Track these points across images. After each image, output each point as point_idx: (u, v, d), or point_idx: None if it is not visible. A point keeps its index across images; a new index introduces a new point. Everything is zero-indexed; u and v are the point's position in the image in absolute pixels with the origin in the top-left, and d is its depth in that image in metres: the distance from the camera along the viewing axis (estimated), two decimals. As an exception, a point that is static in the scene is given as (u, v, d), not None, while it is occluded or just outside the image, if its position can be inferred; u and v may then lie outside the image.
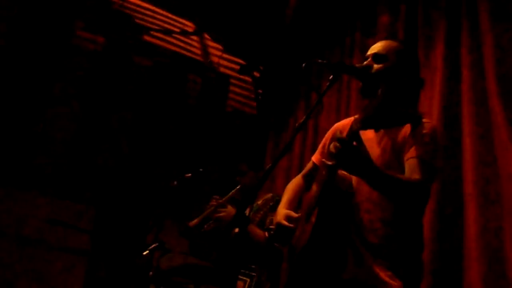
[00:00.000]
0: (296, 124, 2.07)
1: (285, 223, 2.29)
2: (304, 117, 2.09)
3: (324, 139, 2.64)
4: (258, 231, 3.66)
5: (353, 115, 3.92)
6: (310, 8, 5.23)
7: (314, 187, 2.38)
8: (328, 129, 2.72)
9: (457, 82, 3.41)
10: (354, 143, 1.88)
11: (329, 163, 1.94)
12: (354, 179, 2.20)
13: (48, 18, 5.43)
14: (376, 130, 2.18)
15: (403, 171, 2.11)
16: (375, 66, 2.29)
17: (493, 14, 3.28)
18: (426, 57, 3.71)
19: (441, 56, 3.57)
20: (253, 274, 3.51)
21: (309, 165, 2.67)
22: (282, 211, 2.40)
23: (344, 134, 2.32)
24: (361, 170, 1.95)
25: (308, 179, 2.62)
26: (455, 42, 3.53)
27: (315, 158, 2.63)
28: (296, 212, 2.37)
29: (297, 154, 5.12)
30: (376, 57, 2.33)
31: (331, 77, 2.15)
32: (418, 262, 2.19)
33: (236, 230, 3.77)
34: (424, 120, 2.15)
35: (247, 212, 3.81)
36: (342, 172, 2.14)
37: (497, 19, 3.25)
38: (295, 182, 2.66)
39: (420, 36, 3.84)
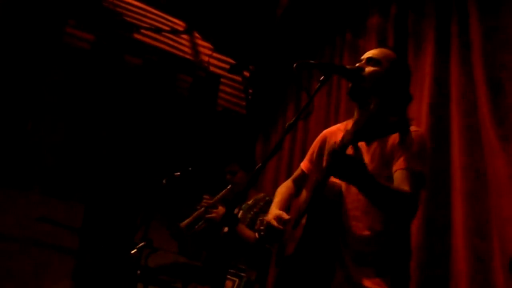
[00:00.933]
0: (286, 125, 2.07)
1: (275, 223, 2.30)
2: (294, 117, 2.09)
3: (312, 147, 2.63)
4: (248, 232, 3.67)
5: (343, 116, 3.94)
6: (301, 8, 5.24)
7: (304, 193, 2.39)
8: (317, 130, 2.73)
9: (446, 83, 3.43)
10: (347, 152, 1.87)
11: (323, 174, 1.94)
12: (343, 187, 2.21)
13: (39, 15, 5.40)
14: (368, 144, 2.19)
15: (391, 179, 2.11)
16: (367, 69, 2.30)
17: (483, 16, 3.30)
18: (415, 58, 3.72)
19: (430, 57, 3.58)
20: (242, 274, 3.51)
21: (298, 171, 2.67)
22: (273, 211, 2.40)
23: (336, 139, 2.33)
24: (354, 177, 1.92)
25: (298, 184, 2.63)
26: (445, 43, 3.54)
27: (303, 165, 2.63)
28: (288, 214, 2.37)
29: (286, 154, 5.13)
30: (370, 60, 2.33)
31: (322, 77, 2.15)
32: (405, 269, 2.20)
33: (225, 229, 3.79)
34: (412, 128, 2.15)
35: (236, 212, 3.81)
36: (332, 181, 2.15)
37: (487, 21, 3.27)
38: (286, 185, 2.66)
39: (410, 37, 3.86)
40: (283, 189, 2.63)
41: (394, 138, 2.17)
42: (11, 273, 4.72)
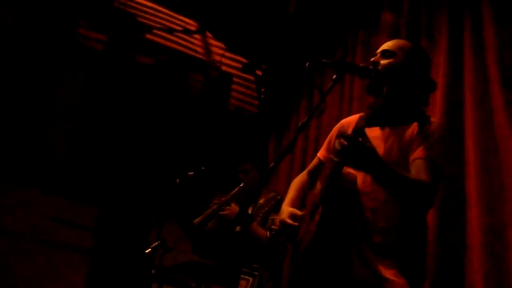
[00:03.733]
0: (299, 123, 2.06)
1: (289, 221, 2.29)
2: (307, 116, 2.08)
3: (330, 135, 2.63)
4: (260, 230, 3.67)
5: (355, 114, 3.91)
6: (313, 5, 5.23)
7: (319, 185, 2.38)
8: (330, 129, 2.71)
9: (459, 79, 3.41)
10: (360, 139, 1.87)
11: (336, 159, 1.93)
12: (359, 178, 2.19)
13: (51, 17, 5.44)
14: (382, 128, 2.17)
15: (408, 169, 2.09)
16: (382, 62, 2.28)
17: (495, 11, 3.28)
18: (428, 53, 3.70)
19: (443, 54, 3.57)
20: (256, 273, 3.52)
21: (314, 161, 2.66)
22: (286, 209, 2.40)
23: (350, 130, 2.32)
24: (367, 165, 1.92)
25: (313, 176, 2.62)
26: (458, 39, 3.53)
27: (320, 154, 2.62)
28: (301, 210, 2.37)
29: (299, 153, 5.12)
30: (384, 53, 2.31)
31: (334, 76, 2.14)
32: (422, 260, 2.19)
33: (238, 228, 3.79)
34: (432, 119, 2.14)
35: (249, 210, 3.81)
36: (347, 170, 2.13)
37: (499, 16, 3.25)
38: (300, 179, 2.65)
39: (423, 33, 3.84)
40: (297, 182, 2.62)
41: (412, 128, 2.16)
42: (25, 272, 4.75)
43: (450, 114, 3.36)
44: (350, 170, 2.18)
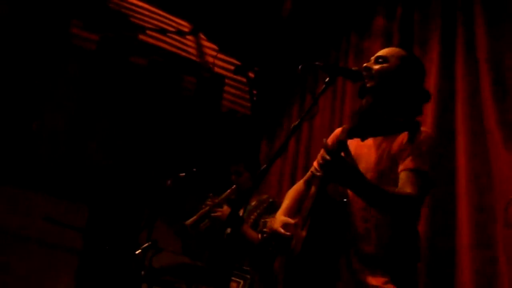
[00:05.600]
0: (291, 126, 2.06)
1: (282, 231, 2.27)
2: (299, 119, 2.08)
3: None
4: (252, 233, 3.67)
5: (348, 118, 3.92)
6: (306, 9, 5.24)
7: (313, 190, 2.38)
8: (322, 132, 2.73)
9: (451, 85, 3.43)
10: (342, 153, 1.88)
11: (319, 174, 1.94)
12: None
13: (45, 16, 5.42)
14: (362, 140, 2.16)
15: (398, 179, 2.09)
16: (375, 67, 2.28)
17: (488, 17, 3.29)
18: (421, 59, 3.71)
19: (436, 59, 3.58)
20: (247, 275, 3.51)
21: (309, 173, 2.67)
22: (279, 218, 2.38)
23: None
24: (347, 181, 1.94)
25: (310, 184, 2.62)
26: (450, 44, 3.54)
27: (316, 164, 2.63)
28: (295, 218, 2.36)
29: (291, 155, 5.13)
30: (378, 59, 2.30)
31: (327, 79, 2.15)
32: (413, 270, 2.18)
33: (229, 230, 3.79)
34: (422, 128, 2.14)
35: (241, 212, 3.81)
36: None
37: (492, 22, 3.26)
38: (296, 188, 2.64)
39: (416, 38, 3.85)
40: (293, 191, 2.61)
41: (403, 137, 2.15)
42: (15, 271, 4.73)
43: (441, 120, 3.37)
44: None
